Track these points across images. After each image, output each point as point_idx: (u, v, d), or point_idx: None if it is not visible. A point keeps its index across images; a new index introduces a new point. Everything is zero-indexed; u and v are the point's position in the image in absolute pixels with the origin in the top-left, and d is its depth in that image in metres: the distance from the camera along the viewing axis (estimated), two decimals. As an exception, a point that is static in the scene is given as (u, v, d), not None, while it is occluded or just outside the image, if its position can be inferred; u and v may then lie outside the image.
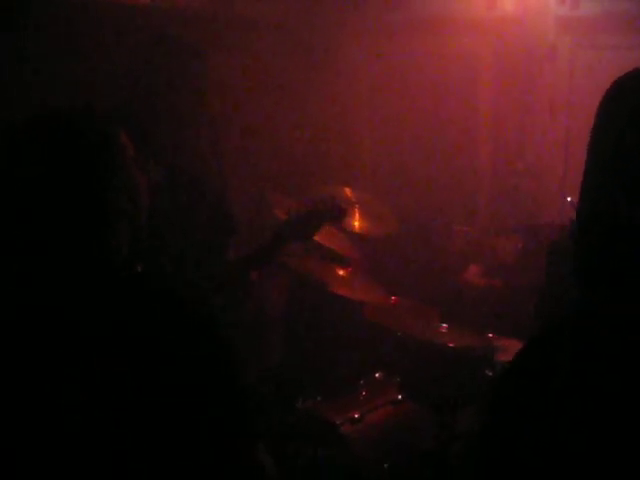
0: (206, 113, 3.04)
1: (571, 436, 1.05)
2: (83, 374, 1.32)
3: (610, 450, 1.02)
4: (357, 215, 3.30)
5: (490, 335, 2.99)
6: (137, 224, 1.46)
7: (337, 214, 2.69)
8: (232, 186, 3.10)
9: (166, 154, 2.69)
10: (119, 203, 1.40)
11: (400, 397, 2.90)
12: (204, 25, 3.39)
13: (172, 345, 1.36)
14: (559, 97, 4.33)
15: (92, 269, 1.38)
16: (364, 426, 2.76)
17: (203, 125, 3.03)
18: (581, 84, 4.26)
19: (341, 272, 3.17)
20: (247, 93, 3.86)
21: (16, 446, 1.30)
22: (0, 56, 2.68)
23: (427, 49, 4.38)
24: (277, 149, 4.01)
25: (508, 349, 2.95)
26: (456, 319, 3.13)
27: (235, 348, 1.45)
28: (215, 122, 3.15)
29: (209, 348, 1.40)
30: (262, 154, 3.95)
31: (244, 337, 2.74)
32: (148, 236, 1.51)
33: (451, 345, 2.91)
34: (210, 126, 3.10)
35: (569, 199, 2.61)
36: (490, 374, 2.80)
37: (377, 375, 3.06)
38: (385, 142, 4.56)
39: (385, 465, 2.60)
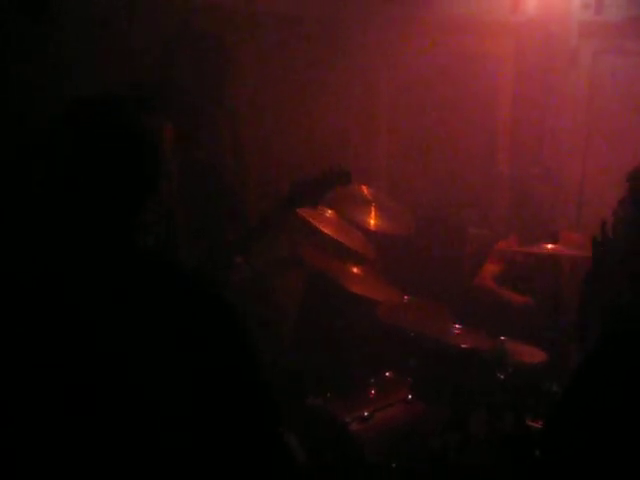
0: (226, 105, 3.06)
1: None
2: (91, 344, 1.31)
3: None
4: (373, 213, 3.30)
5: (502, 338, 2.98)
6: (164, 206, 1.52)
7: (343, 178, 2.73)
8: (250, 180, 3.11)
9: (184, 146, 2.72)
10: (155, 184, 1.46)
11: (410, 397, 2.90)
12: (225, 17, 3.40)
13: (182, 320, 1.37)
14: (580, 102, 4.31)
15: (114, 242, 1.41)
16: (373, 424, 2.75)
17: (222, 118, 3.05)
18: (603, 89, 4.23)
19: (355, 270, 3.17)
20: (266, 88, 3.86)
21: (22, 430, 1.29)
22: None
23: (449, 50, 4.36)
24: (294, 144, 4.00)
25: (520, 353, 2.94)
26: (469, 321, 3.12)
27: (245, 320, 1.45)
28: (235, 116, 3.16)
29: (221, 323, 1.41)
30: (280, 149, 3.95)
31: (257, 331, 2.75)
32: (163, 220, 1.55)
33: (463, 346, 2.90)
34: (230, 119, 3.11)
35: None
36: (501, 377, 2.79)
37: (387, 374, 3.06)
38: (403, 142, 4.55)
39: (393, 464, 2.60)
